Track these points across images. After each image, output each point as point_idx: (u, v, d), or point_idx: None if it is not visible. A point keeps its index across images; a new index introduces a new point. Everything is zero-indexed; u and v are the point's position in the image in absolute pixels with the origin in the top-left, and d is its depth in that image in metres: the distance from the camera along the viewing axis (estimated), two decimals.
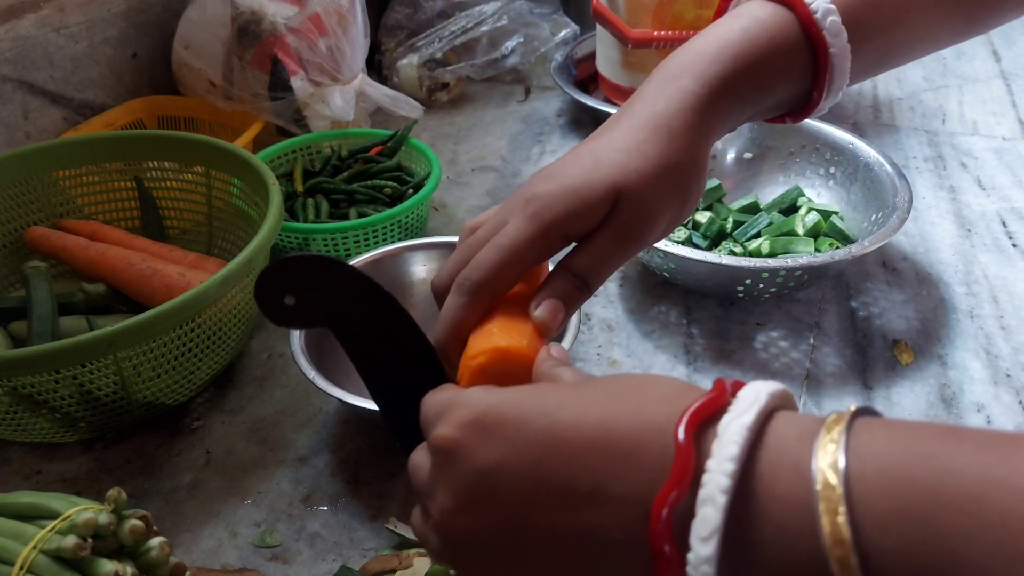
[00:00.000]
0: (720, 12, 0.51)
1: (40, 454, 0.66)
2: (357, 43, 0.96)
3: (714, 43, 0.47)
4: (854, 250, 0.69)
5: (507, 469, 0.32)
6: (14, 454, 0.66)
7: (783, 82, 0.47)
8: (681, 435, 0.29)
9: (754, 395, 0.30)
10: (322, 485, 0.62)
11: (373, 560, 0.54)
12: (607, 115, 1.00)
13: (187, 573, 0.48)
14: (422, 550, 0.54)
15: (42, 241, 0.78)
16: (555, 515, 0.31)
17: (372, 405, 0.55)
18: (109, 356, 0.58)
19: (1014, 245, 0.84)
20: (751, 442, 0.28)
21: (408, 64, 1.14)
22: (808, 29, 0.46)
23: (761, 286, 0.71)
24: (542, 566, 0.32)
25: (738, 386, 0.31)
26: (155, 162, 0.83)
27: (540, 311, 0.43)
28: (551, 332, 0.43)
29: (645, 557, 0.29)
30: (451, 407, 0.35)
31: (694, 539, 0.27)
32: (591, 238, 0.44)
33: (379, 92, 0.98)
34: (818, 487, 0.26)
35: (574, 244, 0.45)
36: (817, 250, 0.76)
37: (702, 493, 0.28)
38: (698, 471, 0.28)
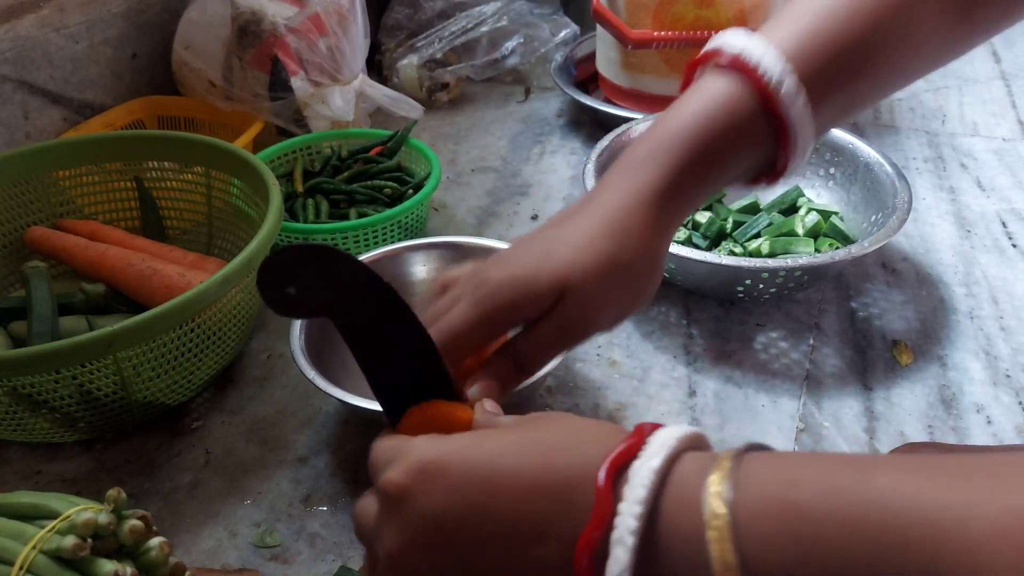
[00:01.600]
0: (686, 81, 0.50)
1: (40, 454, 0.66)
2: (357, 43, 0.96)
3: (674, 128, 0.46)
4: (854, 250, 0.69)
5: (453, 514, 0.34)
6: (14, 454, 0.66)
7: (747, 154, 0.47)
8: (601, 479, 0.31)
9: (663, 439, 0.32)
10: (322, 485, 0.62)
11: None
12: (607, 115, 1.02)
13: (187, 573, 0.48)
14: None
15: (42, 241, 0.78)
16: (501, 553, 0.33)
17: (372, 405, 0.55)
18: (109, 356, 0.58)
19: (1014, 246, 0.84)
20: (658, 484, 0.31)
21: (408, 64, 1.14)
22: (764, 98, 0.45)
23: (761, 286, 0.71)
24: None
25: (655, 430, 0.34)
26: (155, 162, 0.83)
27: (475, 390, 0.45)
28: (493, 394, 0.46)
29: None
30: (399, 455, 0.36)
31: (609, 574, 0.30)
32: (535, 326, 0.45)
33: (379, 92, 0.98)
34: (706, 516, 0.29)
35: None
36: (817, 250, 0.76)
37: (614, 535, 0.30)
38: (614, 513, 0.31)
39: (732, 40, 0.46)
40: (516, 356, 0.46)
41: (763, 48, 0.45)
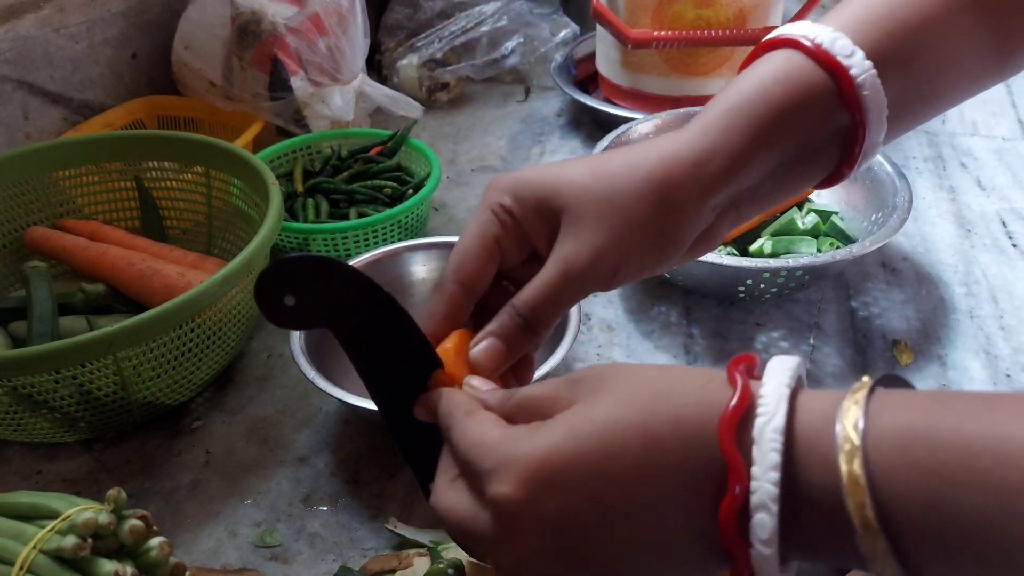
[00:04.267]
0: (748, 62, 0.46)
1: (40, 454, 0.66)
2: (357, 43, 0.96)
3: (733, 95, 0.42)
4: (854, 250, 0.69)
5: (575, 513, 0.33)
6: (14, 454, 0.66)
7: (816, 123, 0.43)
8: (727, 447, 0.31)
9: (777, 394, 0.32)
10: (322, 485, 0.62)
11: (373, 560, 0.54)
12: (607, 115, 1.02)
13: (187, 573, 0.48)
14: (422, 550, 0.54)
15: (42, 241, 0.78)
16: (629, 536, 0.33)
17: (372, 405, 0.55)
18: (109, 356, 0.58)
19: (1014, 245, 0.84)
20: (786, 442, 0.31)
21: (408, 64, 1.14)
22: (827, 66, 0.42)
23: (762, 286, 0.71)
24: (617, 570, 0.34)
25: (751, 366, 0.33)
26: (155, 162, 0.82)
27: (477, 350, 0.42)
28: (489, 372, 0.42)
29: (710, 550, 0.32)
30: (502, 463, 0.34)
31: (754, 540, 0.31)
32: (538, 274, 0.42)
33: (379, 92, 0.98)
34: (839, 442, 0.30)
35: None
36: (818, 250, 0.76)
37: (754, 499, 0.30)
38: (747, 476, 0.31)
39: (779, 31, 0.44)
40: (518, 308, 0.42)
41: (809, 26, 0.43)
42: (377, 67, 1.20)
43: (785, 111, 0.41)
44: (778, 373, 0.33)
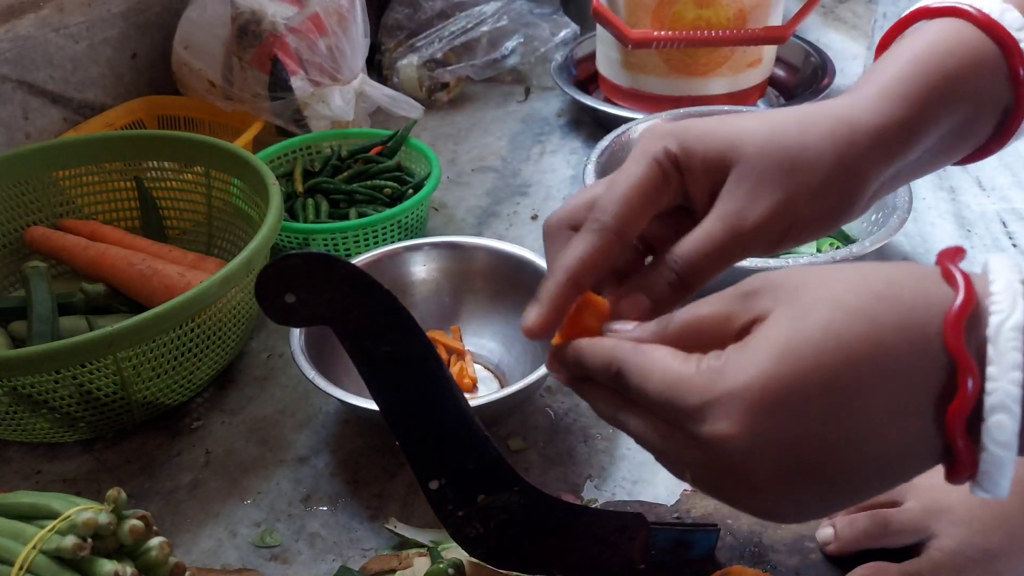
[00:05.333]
0: (890, 37, 0.45)
1: (40, 454, 0.66)
2: (357, 43, 0.96)
3: (901, 59, 0.41)
4: (855, 250, 0.69)
5: (807, 437, 0.31)
6: (14, 454, 0.66)
7: (986, 85, 0.41)
8: (955, 347, 0.30)
9: (1011, 290, 0.30)
10: (322, 485, 0.62)
11: (373, 560, 0.54)
12: (607, 115, 1.02)
13: (187, 573, 0.48)
14: (422, 550, 0.54)
15: (42, 241, 0.78)
16: (859, 449, 0.31)
17: (372, 405, 0.55)
18: (109, 356, 0.58)
19: (1014, 245, 0.84)
20: None
21: (408, 64, 1.14)
22: (990, 30, 0.40)
23: None
24: (844, 491, 0.33)
25: (960, 260, 0.32)
26: (155, 162, 0.82)
27: (622, 304, 0.39)
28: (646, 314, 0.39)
29: (938, 454, 0.31)
30: (715, 399, 0.31)
31: (990, 442, 0.29)
32: (698, 227, 0.39)
33: (379, 92, 0.98)
34: None
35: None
36: (818, 250, 0.76)
37: (991, 400, 0.29)
38: (981, 376, 0.30)
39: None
40: (672, 262, 0.38)
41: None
42: (377, 67, 1.20)
43: (960, 83, 0.40)
44: (1006, 270, 0.31)
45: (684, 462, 0.34)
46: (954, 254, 0.33)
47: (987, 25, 0.40)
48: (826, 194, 0.38)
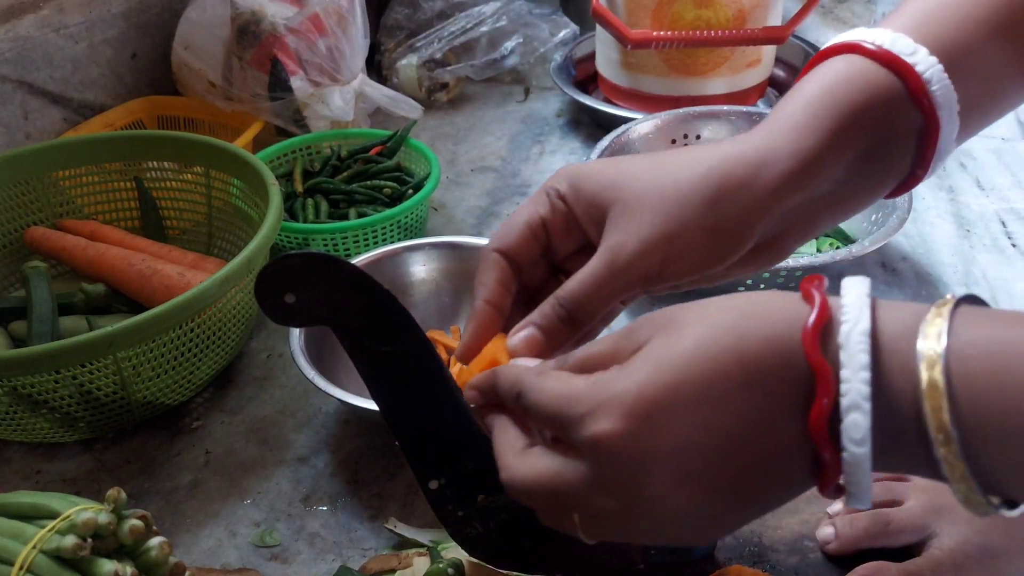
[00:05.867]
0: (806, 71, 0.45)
1: (40, 454, 0.66)
2: (357, 43, 0.96)
3: (788, 103, 0.42)
4: (854, 250, 0.69)
5: (685, 441, 0.33)
6: (14, 454, 0.66)
7: (889, 128, 0.41)
8: (812, 354, 0.32)
9: (859, 302, 0.32)
10: (322, 485, 0.62)
11: (372, 560, 0.54)
12: (606, 115, 1.02)
13: (187, 573, 0.48)
14: (421, 550, 0.54)
15: (42, 241, 0.78)
16: (740, 455, 0.33)
17: (372, 405, 0.55)
18: (109, 356, 0.58)
19: (1013, 245, 0.84)
20: (873, 345, 0.31)
21: (408, 64, 1.14)
22: (892, 67, 0.40)
23: (762, 286, 0.71)
24: (729, 504, 0.34)
25: (819, 284, 0.34)
26: (155, 162, 0.83)
27: (515, 339, 0.41)
28: (534, 350, 0.42)
29: (808, 464, 0.33)
30: (597, 404, 0.33)
31: (847, 441, 0.31)
32: (585, 265, 0.41)
33: (379, 92, 0.98)
34: (921, 350, 0.30)
35: None
36: (818, 250, 0.76)
37: (845, 401, 0.31)
38: (835, 379, 0.31)
39: (834, 40, 0.43)
40: (564, 301, 0.41)
41: (864, 31, 0.42)
42: (377, 67, 1.20)
43: (853, 111, 0.40)
44: (856, 285, 0.33)
45: (573, 497, 0.35)
46: (815, 279, 0.34)
47: (881, 55, 0.41)
48: (701, 227, 0.40)
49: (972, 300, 0.32)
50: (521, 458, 0.37)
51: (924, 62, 0.40)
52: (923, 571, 0.49)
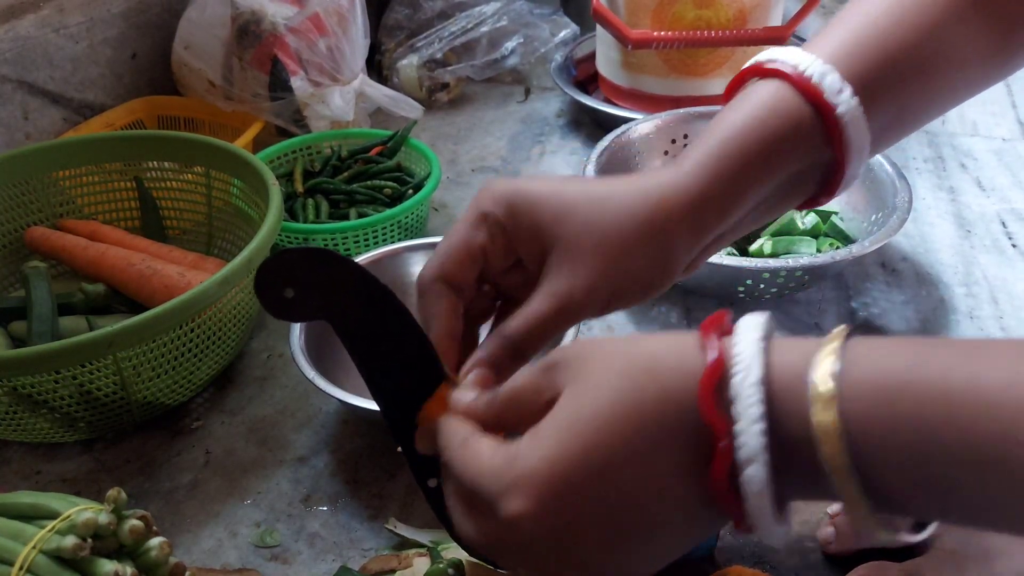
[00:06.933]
0: (728, 94, 0.47)
1: (40, 454, 0.66)
2: (357, 43, 0.96)
3: (720, 133, 0.43)
4: (854, 250, 0.69)
5: (590, 515, 0.34)
6: (14, 454, 0.66)
7: (798, 156, 0.43)
8: (706, 411, 0.32)
9: (751, 349, 0.32)
10: (322, 485, 0.62)
11: (373, 560, 0.54)
12: (607, 115, 1.02)
13: (187, 573, 0.48)
14: (421, 550, 0.54)
15: (42, 241, 0.78)
16: (643, 518, 0.34)
17: (372, 405, 0.55)
18: (109, 356, 0.58)
19: (1014, 246, 0.84)
20: (766, 395, 0.31)
21: (408, 64, 1.14)
22: (809, 96, 0.42)
23: (762, 286, 0.71)
24: (652, 553, 0.35)
25: (724, 326, 0.34)
26: (155, 162, 0.83)
27: (468, 380, 0.43)
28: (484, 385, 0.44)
29: (713, 515, 0.34)
30: (509, 487, 0.35)
31: (747, 493, 0.31)
32: (527, 302, 0.43)
33: (379, 92, 0.98)
34: (811, 392, 0.30)
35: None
36: (818, 250, 0.76)
37: (741, 455, 0.31)
38: (730, 434, 0.31)
39: (770, 54, 0.44)
40: (509, 337, 0.43)
41: (800, 54, 0.43)
42: (377, 67, 1.20)
43: (776, 149, 0.42)
44: (749, 329, 0.33)
45: (509, 560, 0.37)
46: (717, 320, 0.34)
47: (806, 89, 0.42)
48: (642, 269, 0.43)
49: (865, 329, 0.32)
50: (467, 519, 0.38)
51: (846, 103, 0.42)
52: (923, 571, 0.49)
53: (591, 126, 1.09)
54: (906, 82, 0.44)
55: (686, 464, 0.33)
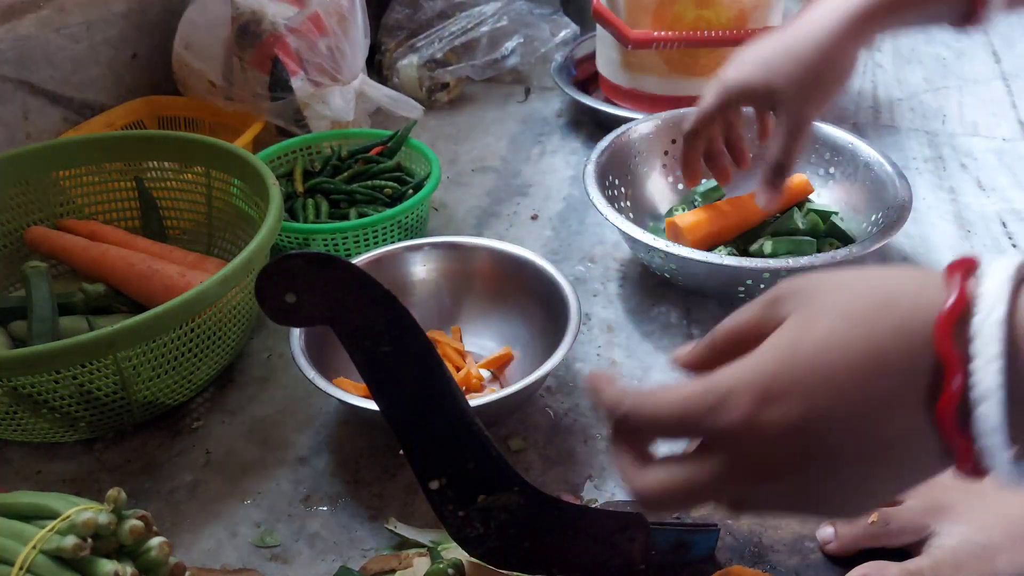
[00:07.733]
0: None
1: (40, 454, 0.66)
2: (357, 43, 0.96)
3: None
4: (855, 250, 0.69)
5: (811, 424, 0.34)
6: (14, 454, 0.66)
7: None
8: (941, 345, 0.32)
9: (997, 290, 0.32)
10: (322, 485, 0.62)
11: (373, 560, 0.54)
12: (607, 115, 1.02)
13: (187, 573, 0.48)
14: (422, 550, 0.54)
15: (42, 241, 0.78)
16: (862, 440, 0.34)
17: (372, 405, 0.55)
18: (109, 356, 0.58)
19: (1014, 246, 0.84)
20: (1008, 333, 0.31)
21: (408, 64, 1.14)
22: None
23: (762, 286, 0.71)
24: (870, 477, 0.35)
25: (971, 268, 0.34)
26: (155, 162, 0.82)
27: (760, 199, 0.72)
28: (773, 203, 0.73)
29: (939, 448, 0.33)
30: (723, 396, 0.35)
31: (981, 431, 0.31)
32: (776, 135, 0.69)
33: (379, 92, 0.98)
34: None
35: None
36: (818, 250, 0.76)
37: (976, 392, 0.31)
38: (965, 372, 0.31)
39: None
40: (771, 158, 0.69)
41: None
42: (377, 67, 1.20)
43: None
44: (1000, 270, 0.33)
45: (702, 478, 0.37)
46: (965, 263, 0.34)
47: None
48: (833, 82, 0.68)
49: None
50: (643, 473, 0.38)
51: None
52: (923, 570, 0.49)
53: (591, 126, 1.09)
54: None
55: (912, 397, 0.33)
